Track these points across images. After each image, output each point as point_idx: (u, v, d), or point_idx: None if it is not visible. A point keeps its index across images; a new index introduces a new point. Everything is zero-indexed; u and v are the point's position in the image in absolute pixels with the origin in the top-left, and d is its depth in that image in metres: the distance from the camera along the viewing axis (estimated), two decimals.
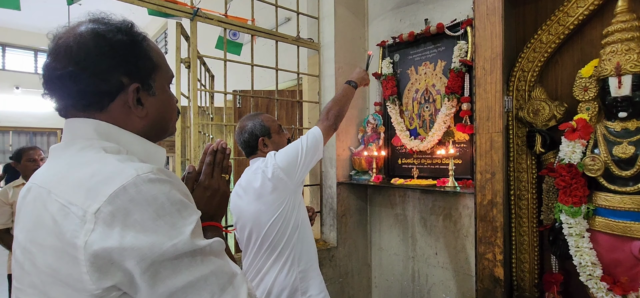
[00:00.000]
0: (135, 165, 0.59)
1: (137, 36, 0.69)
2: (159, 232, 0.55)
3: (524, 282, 1.68)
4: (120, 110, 0.67)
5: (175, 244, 0.55)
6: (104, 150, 0.63)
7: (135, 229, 0.54)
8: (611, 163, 1.36)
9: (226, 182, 0.86)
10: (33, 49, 9.45)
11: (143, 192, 0.56)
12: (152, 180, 0.57)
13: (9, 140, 9.12)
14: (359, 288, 2.68)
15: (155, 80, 0.71)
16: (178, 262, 0.56)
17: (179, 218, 0.58)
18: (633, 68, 1.30)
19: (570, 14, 1.51)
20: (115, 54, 0.65)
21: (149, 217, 0.55)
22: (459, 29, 2.09)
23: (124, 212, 0.54)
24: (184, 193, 0.62)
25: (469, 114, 2.07)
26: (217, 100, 3.93)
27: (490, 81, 1.56)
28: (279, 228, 1.49)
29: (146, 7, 1.88)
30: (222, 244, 0.66)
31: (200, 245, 0.59)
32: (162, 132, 0.76)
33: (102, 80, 0.64)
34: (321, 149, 1.57)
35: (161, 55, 0.75)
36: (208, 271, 0.59)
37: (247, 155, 1.64)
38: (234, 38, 2.31)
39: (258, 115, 1.65)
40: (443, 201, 2.25)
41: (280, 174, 1.46)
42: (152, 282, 0.55)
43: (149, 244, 0.54)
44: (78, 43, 0.63)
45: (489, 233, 1.57)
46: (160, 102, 0.73)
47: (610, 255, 1.39)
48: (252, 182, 1.51)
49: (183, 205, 0.60)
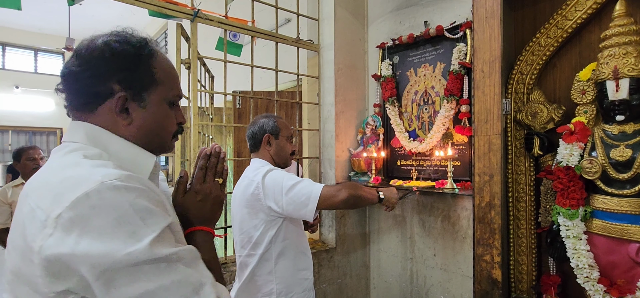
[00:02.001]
0: (103, 171, 0.60)
1: (143, 50, 0.71)
2: (116, 240, 0.55)
3: (521, 284, 1.69)
4: (106, 114, 0.70)
5: (130, 253, 0.55)
6: (84, 155, 0.65)
7: (91, 236, 0.54)
8: (608, 166, 1.36)
9: (220, 187, 0.85)
10: (33, 48, 9.44)
11: (105, 199, 0.56)
12: (118, 187, 0.58)
13: (8, 140, 9.11)
14: (358, 289, 2.68)
15: (150, 94, 0.73)
16: (136, 270, 0.56)
17: (141, 226, 0.57)
18: (630, 72, 1.31)
19: (568, 18, 1.52)
20: (114, 61, 0.68)
21: (109, 224, 0.55)
22: (458, 32, 2.10)
23: (83, 219, 0.55)
24: (154, 201, 0.62)
25: (467, 116, 2.07)
26: (217, 101, 3.94)
27: (489, 84, 1.57)
28: (253, 246, 1.48)
29: (147, 8, 1.88)
30: (194, 252, 0.65)
31: (162, 254, 0.58)
32: (151, 145, 0.76)
33: (98, 83, 0.68)
34: (310, 210, 1.39)
35: (169, 75, 0.76)
36: (170, 281, 0.58)
37: (250, 149, 1.65)
38: (234, 39, 2.32)
39: (276, 117, 1.66)
40: (441, 203, 2.26)
41: (260, 193, 1.43)
42: (105, 289, 0.55)
43: (102, 252, 0.54)
44: (88, 47, 0.69)
45: (487, 235, 1.58)
46: (151, 116, 0.74)
47: (608, 257, 1.39)
48: (241, 183, 1.54)
49: (149, 212, 0.59)
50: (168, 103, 0.77)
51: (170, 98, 0.77)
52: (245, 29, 2.29)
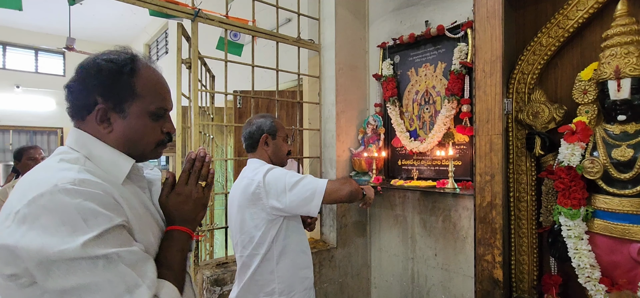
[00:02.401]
0: (62, 174, 0.69)
1: (125, 68, 0.79)
2: (55, 237, 0.63)
3: (522, 284, 1.69)
4: (91, 123, 0.79)
5: (63, 250, 0.63)
6: (61, 159, 0.75)
7: (36, 231, 0.63)
8: (610, 166, 1.36)
9: (202, 189, 0.90)
10: (34, 48, 9.45)
11: (55, 200, 0.65)
12: (68, 190, 0.66)
13: (9, 139, 9.12)
14: (359, 288, 2.68)
15: (131, 106, 0.80)
16: (72, 265, 0.63)
17: (81, 226, 0.65)
18: (632, 71, 1.31)
19: (570, 17, 1.52)
20: (98, 77, 0.77)
21: (53, 223, 0.64)
22: (459, 31, 2.10)
23: (34, 215, 0.64)
24: (104, 204, 0.69)
25: (468, 116, 2.07)
26: (218, 100, 3.94)
27: (490, 83, 1.56)
28: (255, 247, 1.48)
29: (147, 8, 1.88)
30: (139, 254, 0.71)
31: (98, 253, 0.65)
32: (132, 151, 0.83)
33: (84, 96, 0.78)
34: (315, 205, 1.40)
35: (152, 90, 0.83)
36: (104, 278, 0.65)
37: (247, 150, 1.64)
38: (234, 39, 2.32)
39: (272, 117, 1.66)
40: (443, 202, 2.26)
41: (261, 193, 1.42)
42: (44, 278, 0.63)
43: (40, 246, 0.62)
44: (83, 65, 0.79)
45: (488, 235, 1.58)
46: (130, 126, 0.81)
47: (609, 257, 1.39)
48: (239, 184, 1.53)
49: (93, 214, 0.66)
50: (150, 115, 0.83)
51: (152, 110, 0.83)
52: (246, 29, 2.29)
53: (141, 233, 0.77)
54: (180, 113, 2.04)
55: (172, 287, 0.76)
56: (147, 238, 0.78)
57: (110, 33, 9.01)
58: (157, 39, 9.04)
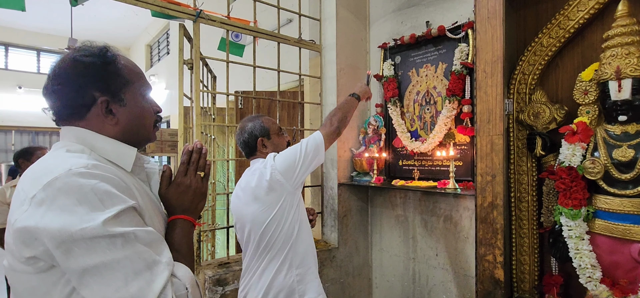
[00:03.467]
0: (74, 161, 0.70)
1: (108, 58, 0.80)
2: (74, 216, 0.64)
3: (524, 284, 1.69)
4: (95, 119, 0.80)
5: (84, 228, 0.64)
6: (67, 150, 0.76)
7: (54, 212, 0.64)
8: (611, 167, 1.36)
9: (201, 180, 0.92)
10: (36, 48, 9.48)
11: (70, 183, 0.66)
12: (82, 173, 0.67)
13: (11, 140, 9.15)
14: (360, 288, 2.69)
15: (126, 93, 0.82)
16: (92, 243, 0.64)
17: (98, 206, 0.66)
18: (633, 72, 1.31)
19: (570, 18, 1.52)
20: (88, 74, 0.78)
21: (71, 203, 0.65)
22: (460, 32, 2.10)
23: (51, 198, 0.65)
24: (118, 187, 0.71)
25: (469, 116, 2.07)
26: (220, 101, 3.95)
27: (491, 84, 1.57)
28: (276, 229, 1.50)
29: (149, 9, 1.89)
30: (154, 235, 0.73)
31: (117, 231, 0.66)
32: (136, 136, 0.86)
33: (79, 95, 0.78)
34: (322, 153, 1.56)
35: (134, 73, 0.85)
36: (123, 255, 0.66)
37: (246, 156, 1.65)
38: (236, 39, 2.33)
39: (259, 116, 1.67)
40: (444, 203, 2.26)
41: (278, 176, 1.47)
42: (65, 257, 0.64)
43: (61, 226, 0.63)
44: (61, 67, 0.79)
45: (490, 235, 1.58)
46: (131, 111, 0.83)
47: (610, 257, 1.40)
48: (250, 182, 1.53)
49: (108, 195, 0.68)
50: (142, 97, 0.86)
51: (142, 92, 0.86)
52: (247, 30, 2.29)
53: (149, 219, 0.78)
54: (182, 113, 2.05)
55: (186, 268, 0.78)
56: (155, 225, 0.80)
57: (111, 34, 9.03)
58: (158, 39, 9.06)
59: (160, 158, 7.94)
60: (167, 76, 8.05)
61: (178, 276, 0.74)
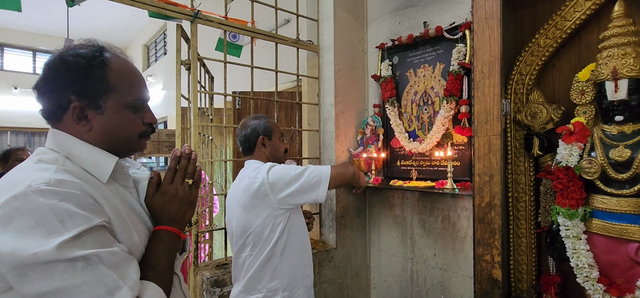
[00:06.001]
0: (37, 175, 0.66)
1: (95, 60, 0.75)
2: (29, 239, 0.60)
3: (521, 284, 1.69)
4: (70, 122, 0.76)
5: (37, 253, 0.60)
6: (39, 160, 0.72)
7: (9, 234, 0.60)
8: (608, 167, 1.37)
9: (189, 188, 0.87)
10: (31, 49, 9.43)
11: (29, 202, 0.62)
12: (42, 191, 0.63)
13: (6, 141, 9.09)
14: (358, 289, 2.69)
15: (107, 101, 0.77)
16: (50, 267, 0.61)
17: (56, 228, 0.62)
18: (629, 72, 1.32)
19: (567, 19, 1.53)
20: (68, 75, 0.73)
21: (27, 225, 0.61)
22: (457, 32, 2.11)
23: (7, 218, 0.61)
24: (81, 205, 0.66)
25: (467, 117, 2.08)
26: (217, 101, 3.94)
27: (489, 84, 1.57)
28: (255, 243, 1.48)
29: (146, 9, 1.88)
30: (120, 255, 0.68)
31: (76, 254, 0.62)
32: (116, 147, 0.80)
33: (57, 96, 0.74)
34: (322, 190, 1.46)
35: (126, 80, 0.80)
36: (81, 280, 0.62)
37: (244, 152, 1.64)
38: (233, 40, 2.32)
39: (265, 117, 1.67)
40: (442, 203, 2.26)
41: (266, 189, 1.43)
42: (19, 281, 0.61)
43: (12, 249, 0.60)
44: (48, 65, 0.75)
45: (487, 235, 1.58)
46: (109, 121, 0.78)
47: (607, 257, 1.40)
48: (239, 184, 1.53)
49: (69, 215, 0.63)
50: (128, 107, 0.80)
51: (129, 102, 0.80)
52: (244, 30, 2.29)
53: (124, 234, 0.74)
54: (180, 114, 2.04)
55: (157, 288, 0.74)
56: (131, 239, 0.75)
57: (108, 34, 8.99)
58: (155, 40, 9.03)
59: (157, 159, 7.91)
60: (164, 77, 8.03)
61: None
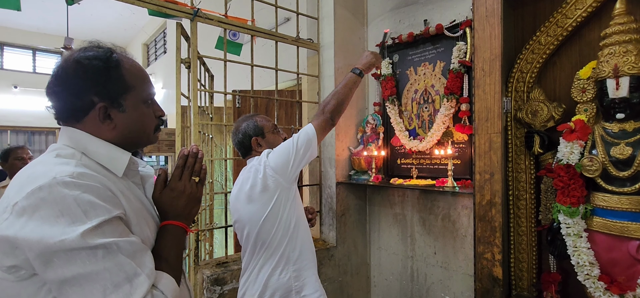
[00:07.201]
0: (60, 168, 0.69)
1: (111, 62, 0.79)
2: (55, 227, 0.64)
3: (522, 282, 1.69)
4: (92, 123, 0.79)
5: (63, 240, 0.64)
6: (57, 154, 0.75)
7: (36, 222, 0.64)
8: (609, 164, 1.37)
9: (195, 185, 0.91)
10: (31, 48, 9.42)
11: (54, 193, 0.65)
12: (67, 183, 0.67)
13: (7, 140, 9.09)
14: (358, 287, 2.69)
15: (126, 99, 0.81)
16: (72, 255, 0.64)
17: (80, 217, 0.66)
18: (630, 70, 1.31)
19: (568, 16, 1.52)
20: (88, 77, 0.77)
21: (53, 214, 0.65)
22: (458, 30, 2.10)
23: (33, 207, 0.65)
24: (102, 197, 0.70)
25: (467, 115, 2.08)
26: (217, 100, 3.93)
27: (489, 82, 1.57)
28: (271, 226, 1.49)
29: (146, 8, 1.88)
30: (137, 245, 0.72)
31: (97, 243, 0.66)
32: (135, 142, 0.86)
33: (77, 99, 0.77)
34: (314, 147, 1.52)
35: (138, 78, 0.84)
36: (103, 266, 0.66)
37: (242, 156, 1.65)
38: (233, 38, 2.32)
39: (253, 116, 1.66)
40: (442, 201, 2.26)
41: (271, 173, 1.46)
42: (44, 268, 0.64)
43: (40, 237, 0.63)
44: (63, 68, 0.78)
45: (488, 233, 1.58)
46: (131, 118, 0.83)
47: (608, 254, 1.40)
48: (245, 181, 1.53)
49: (91, 206, 0.67)
50: (144, 103, 0.85)
51: (144, 98, 0.85)
52: (245, 28, 2.28)
53: (138, 226, 0.78)
54: (180, 113, 2.04)
55: (170, 279, 0.77)
56: (144, 232, 0.79)
57: (108, 33, 8.98)
58: (155, 38, 9.02)
59: (158, 158, 7.92)
60: (164, 75, 8.02)
61: (160, 287, 0.74)
